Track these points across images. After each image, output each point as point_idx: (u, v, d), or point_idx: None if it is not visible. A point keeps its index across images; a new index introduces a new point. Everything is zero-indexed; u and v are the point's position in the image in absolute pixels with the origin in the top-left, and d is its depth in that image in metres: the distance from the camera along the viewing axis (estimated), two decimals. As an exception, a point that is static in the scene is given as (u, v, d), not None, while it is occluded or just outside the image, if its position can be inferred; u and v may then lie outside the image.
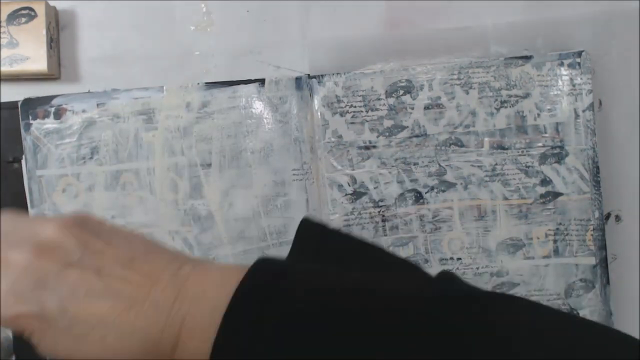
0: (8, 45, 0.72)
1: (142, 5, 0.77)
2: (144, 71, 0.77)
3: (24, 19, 0.73)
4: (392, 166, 0.74)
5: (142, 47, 0.77)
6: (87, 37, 0.77)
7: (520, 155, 0.74)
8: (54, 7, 0.75)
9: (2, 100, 0.74)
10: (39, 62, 0.73)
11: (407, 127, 0.74)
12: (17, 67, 0.73)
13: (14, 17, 0.73)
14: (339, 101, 0.74)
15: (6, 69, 0.73)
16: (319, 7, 0.78)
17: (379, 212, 0.74)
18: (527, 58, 0.75)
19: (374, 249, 0.56)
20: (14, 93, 0.74)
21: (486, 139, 0.74)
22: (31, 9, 0.73)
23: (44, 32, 0.72)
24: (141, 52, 0.77)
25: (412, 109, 0.74)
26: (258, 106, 0.73)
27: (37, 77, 0.74)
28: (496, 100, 0.74)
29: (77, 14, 0.77)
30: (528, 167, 0.74)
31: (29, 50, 0.72)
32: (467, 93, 0.74)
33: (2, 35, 0.72)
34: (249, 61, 0.77)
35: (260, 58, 0.77)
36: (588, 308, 0.75)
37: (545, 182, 0.74)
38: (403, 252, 0.74)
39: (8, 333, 0.73)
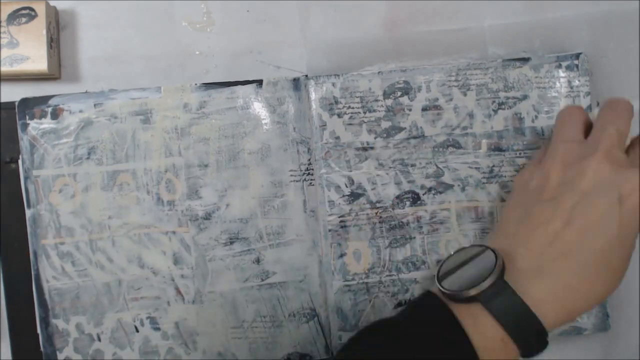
0: (8, 45, 0.73)
1: (142, 5, 0.77)
2: (145, 71, 0.77)
3: (24, 19, 0.73)
4: (390, 167, 0.74)
5: (143, 47, 0.77)
6: (87, 37, 0.77)
7: (517, 157, 0.74)
8: (54, 7, 0.75)
9: (2, 101, 0.75)
10: (39, 62, 0.73)
11: (405, 128, 0.74)
12: (17, 67, 0.73)
13: (14, 17, 0.73)
14: (336, 102, 0.74)
15: (6, 69, 0.73)
16: (319, 7, 0.78)
17: (376, 213, 0.74)
18: (525, 60, 0.74)
19: None
20: (14, 93, 0.75)
21: (484, 141, 0.74)
22: (31, 9, 0.73)
23: (44, 32, 0.73)
24: (141, 52, 0.77)
25: (410, 110, 0.74)
26: (256, 107, 0.74)
27: (37, 77, 0.75)
28: (494, 102, 0.74)
29: (77, 14, 0.77)
30: (525, 169, 0.74)
31: (29, 50, 0.73)
32: (465, 95, 0.74)
33: (2, 35, 0.73)
34: (249, 61, 0.78)
35: (260, 58, 0.78)
36: (585, 311, 0.74)
37: (542, 184, 0.74)
38: (400, 254, 0.74)
39: None
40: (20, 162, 0.72)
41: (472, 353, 0.54)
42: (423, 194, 0.74)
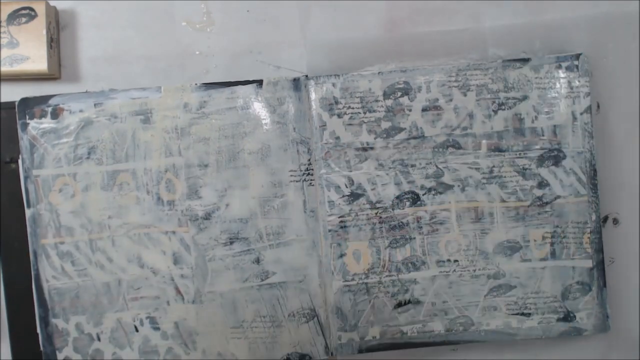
0: (8, 45, 0.73)
1: (142, 5, 0.77)
2: (144, 71, 0.77)
3: (24, 19, 0.73)
4: (390, 168, 0.74)
5: (142, 47, 0.77)
6: (87, 37, 0.77)
7: (517, 157, 0.74)
8: (54, 7, 0.75)
9: (3, 100, 0.74)
10: (39, 62, 0.73)
11: (405, 129, 0.74)
12: (18, 67, 0.73)
13: (14, 17, 0.73)
14: (336, 102, 0.74)
15: (6, 69, 0.73)
16: (319, 7, 0.78)
17: (376, 213, 0.74)
18: (525, 60, 0.74)
19: None
20: (14, 93, 0.75)
21: (484, 141, 0.74)
22: (31, 9, 0.73)
23: (44, 32, 0.73)
24: (141, 52, 0.77)
25: (410, 110, 0.74)
26: (256, 107, 0.73)
27: (37, 77, 0.75)
28: (494, 102, 0.74)
29: (77, 14, 0.77)
30: (525, 169, 0.74)
31: (29, 50, 0.73)
32: (465, 95, 0.74)
33: (3, 35, 0.73)
34: (249, 61, 0.78)
35: (260, 58, 0.78)
36: (585, 311, 0.74)
37: (542, 184, 0.74)
38: (400, 254, 0.74)
39: None
40: (20, 161, 0.72)
41: None
42: (423, 194, 0.74)
